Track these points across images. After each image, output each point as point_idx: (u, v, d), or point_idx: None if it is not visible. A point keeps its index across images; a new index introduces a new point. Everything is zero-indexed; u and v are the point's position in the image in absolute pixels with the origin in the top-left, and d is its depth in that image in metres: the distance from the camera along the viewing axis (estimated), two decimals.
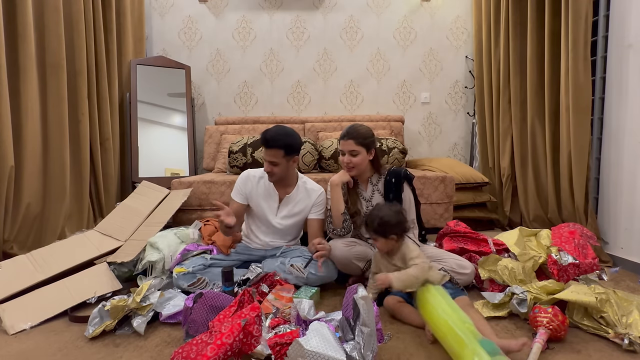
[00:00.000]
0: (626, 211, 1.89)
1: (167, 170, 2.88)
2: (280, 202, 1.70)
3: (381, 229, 1.36)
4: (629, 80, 1.87)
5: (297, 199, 1.71)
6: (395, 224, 1.36)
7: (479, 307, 1.39)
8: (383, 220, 1.35)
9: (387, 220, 1.35)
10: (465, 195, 2.53)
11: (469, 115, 3.26)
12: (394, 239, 1.37)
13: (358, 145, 1.57)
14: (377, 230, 1.37)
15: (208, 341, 0.99)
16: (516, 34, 2.54)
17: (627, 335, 1.12)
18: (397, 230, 1.36)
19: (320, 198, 1.72)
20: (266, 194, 1.69)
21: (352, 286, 1.07)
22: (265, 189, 1.69)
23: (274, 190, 1.68)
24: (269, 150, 1.56)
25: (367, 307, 0.95)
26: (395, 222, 1.36)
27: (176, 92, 2.98)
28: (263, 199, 1.69)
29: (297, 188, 1.71)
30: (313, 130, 2.94)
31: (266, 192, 1.69)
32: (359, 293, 1.00)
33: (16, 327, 1.30)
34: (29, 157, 2.05)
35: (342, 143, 1.61)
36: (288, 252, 1.68)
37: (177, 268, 1.55)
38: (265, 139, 1.56)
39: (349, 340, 0.95)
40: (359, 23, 3.17)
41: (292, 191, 1.70)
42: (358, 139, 1.57)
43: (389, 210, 1.39)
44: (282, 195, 1.69)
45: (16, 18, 1.99)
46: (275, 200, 1.69)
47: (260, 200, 1.69)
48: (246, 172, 1.73)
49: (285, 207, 1.70)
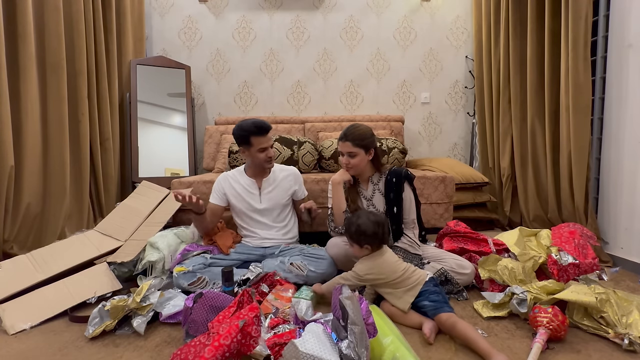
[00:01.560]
0: (626, 211, 1.89)
1: (167, 170, 2.88)
2: (260, 189, 1.77)
3: (356, 236, 1.35)
4: (629, 80, 1.87)
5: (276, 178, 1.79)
6: (371, 235, 1.33)
7: (479, 307, 1.39)
8: (360, 228, 1.34)
9: (364, 230, 1.33)
10: (465, 195, 2.53)
11: (469, 115, 3.26)
12: (369, 249, 1.36)
13: (355, 146, 1.58)
14: (352, 236, 1.37)
15: (206, 343, 0.99)
16: (516, 34, 2.54)
17: (627, 335, 1.12)
18: (371, 241, 1.34)
19: (297, 175, 1.85)
20: (245, 187, 1.76)
21: (337, 287, 1.07)
22: (241, 184, 1.77)
23: (251, 181, 1.77)
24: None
25: (353, 306, 0.95)
26: (371, 233, 1.33)
27: (176, 92, 2.98)
28: (243, 192, 1.76)
29: (273, 172, 1.80)
30: (313, 130, 2.94)
31: (244, 186, 1.76)
32: (344, 293, 1.00)
33: (16, 327, 1.30)
34: (29, 157, 2.05)
35: (340, 144, 1.62)
36: (287, 251, 1.69)
37: (177, 267, 1.55)
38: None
39: (343, 339, 0.95)
40: (359, 23, 3.17)
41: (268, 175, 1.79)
42: (355, 140, 1.58)
43: (368, 219, 1.35)
44: (259, 184, 1.77)
45: (16, 18, 1.99)
46: (255, 188, 1.76)
47: (242, 194, 1.76)
48: (221, 175, 1.82)
49: (266, 189, 1.77)
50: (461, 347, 1.14)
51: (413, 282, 1.31)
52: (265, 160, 1.70)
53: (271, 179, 1.79)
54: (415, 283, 1.30)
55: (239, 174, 1.80)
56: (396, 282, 1.32)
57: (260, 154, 1.68)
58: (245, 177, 1.78)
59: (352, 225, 1.37)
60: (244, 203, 1.75)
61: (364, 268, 1.35)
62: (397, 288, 1.32)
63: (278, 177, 1.80)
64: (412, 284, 1.30)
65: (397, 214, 1.61)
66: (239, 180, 1.78)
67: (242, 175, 1.79)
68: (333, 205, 1.65)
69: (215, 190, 1.78)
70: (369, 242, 1.35)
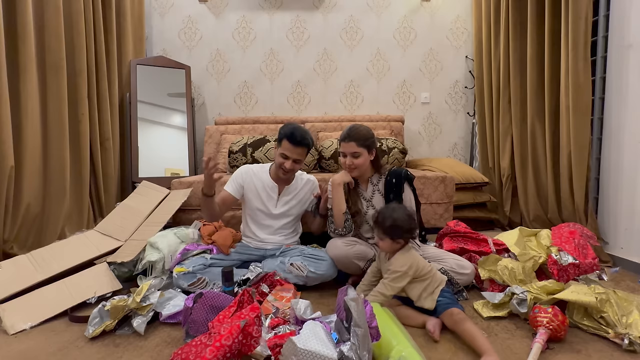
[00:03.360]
0: (626, 211, 1.89)
1: (167, 170, 2.88)
2: (279, 194, 1.74)
3: (392, 230, 1.32)
4: (629, 80, 1.87)
5: (297, 187, 1.77)
6: (407, 230, 1.32)
7: (479, 307, 1.39)
8: (396, 223, 1.31)
9: (400, 225, 1.31)
10: (465, 195, 2.53)
11: (469, 115, 3.26)
12: (400, 243, 1.34)
13: (360, 146, 1.56)
14: (387, 230, 1.32)
15: (207, 343, 0.99)
16: (516, 34, 2.54)
17: (627, 335, 1.12)
18: (406, 235, 1.33)
19: (316, 186, 1.82)
20: (265, 188, 1.72)
21: (343, 288, 1.06)
22: (262, 182, 1.73)
23: (273, 184, 1.72)
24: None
25: (358, 308, 0.95)
26: (407, 228, 1.32)
27: (176, 92, 2.98)
28: (262, 191, 1.72)
29: (295, 180, 1.77)
30: (313, 130, 2.94)
31: (265, 186, 1.72)
32: (349, 295, 1.00)
33: (16, 327, 1.30)
34: (29, 157, 2.04)
35: (343, 145, 1.59)
36: (288, 251, 1.69)
37: (177, 268, 1.55)
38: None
39: (346, 341, 0.95)
40: (359, 23, 3.17)
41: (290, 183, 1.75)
42: (360, 140, 1.56)
43: (403, 213, 1.34)
44: (280, 188, 1.74)
45: (16, 18, 1.99)
46: (275, 192, 1.73)
47: (260, 193, 1.72)
48: (244, 167, 1.77)
49: (285, 196, 1.74)
50: (461, 347, 1.14)
51: (439, 277, 1.32)
52: (279, 166, 1.65)
53: (292, 187, 1.75)
54: (441, 279, 1.32)
55: (262, 171, 1.75)
56: (427, 276, 1.31)
57: (279, 158, 1.64)
58: (268, 177, 1.73)
59: (387, 219, 1.33)
60: (260, 203, 1.71)
61: (404, 262, 1.30)
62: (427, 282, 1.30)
63: (299, 186, 1.77)
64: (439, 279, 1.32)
65: None
66: (261, 178, 1.72)
67: (265, 174, 1.74)
68: (333, 207, 1.63)
69: (234, 179, 1.71)
70: (405, 236, 1.33)
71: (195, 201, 2.15)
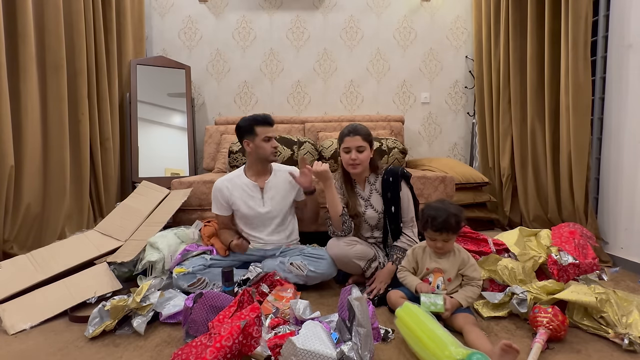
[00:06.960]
0: (626, 211, 1.89)
1: (167, 170, 2.88)
2: (262, 191, 1.71)
3: (457, 225, 1.26)
4: (629, 80, 1.87)
5: (277, 179, 1.75)
6: (461, 221, 1.27)
7: (479, 307, 1.39)
8: (458, 216, 1.25)
9: (461, 215, 1.26)
10: (465, 195, 2.53)
11: (469, 115, 3.26)
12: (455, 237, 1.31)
13: (364, 141, 1.59)
14: (455, 228, 1.26)
15: (207, 343, 0.99)
16: (516, 34, 2.54)
17: (627, 335, 1.12)
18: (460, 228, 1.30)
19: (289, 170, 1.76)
20: (246, 190, 1.71)
21: (346, 287, 1.06)
22: (241, 188, 1.71)
23: (252, 183, 1.71)
24: None
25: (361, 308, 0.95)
26: (462, 218, 1.27)
27: (176, 92, 2.98)
28: (244, 196, 1.70)
29: (274, 173, 1.75)
30: (313, 130, 2.94)
31: (245, 189, 1.71)
32: (353, 294, 1.00)
33: (16, 327, 1.30)
34: (29, 157, 2.04)
35: (347, 140, 1.59)
36: (288, 251, 1.69)
37: (177, 268, 1.55)
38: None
39: (347, 341, 0.95)
40: (359, 23, 3.17)
41: (269, 177, 1.74)
42: (364, 135, 1.59)
43: (450, 204, 1.29)
44: (261, 184, 1.72)
45: (16, 18, 1.99)
46: (257, 191, 1.71)
47: (243, 198, 1.70)
48: (216, 184, 1.73)
49: (268, 191, 1.72)
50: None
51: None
52: (270, 150, 1.66)
53: (272, 180, 1.73)
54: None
55: (236, 177, 1.74)
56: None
57: (265, 143, 1.65)
58: (245, 178, 1.72)
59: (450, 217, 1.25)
60: (246, 207, 1.69)
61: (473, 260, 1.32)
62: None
63: (279, 177, 1.75)
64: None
65: (395, 213, 1.61)
66: (238, 183, 1.71)
67: (240, 178, 1.73)
68: (329, 209, 1.61)
69: (215, 200, 1.73)
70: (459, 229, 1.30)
71: (195, 201, 2.15)
